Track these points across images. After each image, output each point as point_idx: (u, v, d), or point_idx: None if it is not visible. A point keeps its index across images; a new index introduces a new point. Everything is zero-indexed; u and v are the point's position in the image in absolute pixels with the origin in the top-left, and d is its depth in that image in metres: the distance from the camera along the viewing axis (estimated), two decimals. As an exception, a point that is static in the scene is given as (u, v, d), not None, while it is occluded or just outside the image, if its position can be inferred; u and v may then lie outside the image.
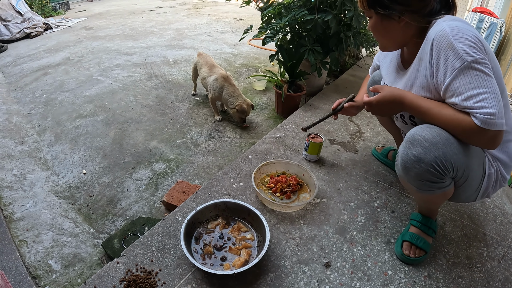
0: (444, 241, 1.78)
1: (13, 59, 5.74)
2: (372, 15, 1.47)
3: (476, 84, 1.19)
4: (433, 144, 1.30)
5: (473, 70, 1.19)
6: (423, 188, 1.42)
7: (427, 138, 1.31)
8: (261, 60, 5.36)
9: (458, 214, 1.97)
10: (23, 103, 3.98)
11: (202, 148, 3.00)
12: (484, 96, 1.18)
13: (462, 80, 1.21)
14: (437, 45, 1.28)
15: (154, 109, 3.71)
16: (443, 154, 1.29)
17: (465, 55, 1.19)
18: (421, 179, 1.38)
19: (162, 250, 1.66)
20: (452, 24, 1.26)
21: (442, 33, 1.26)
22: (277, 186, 2.02)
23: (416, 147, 1.33)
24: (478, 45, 1.21)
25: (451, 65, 1.23)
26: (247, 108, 3.22)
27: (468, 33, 1.22)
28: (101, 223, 2.22)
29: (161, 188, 2.50)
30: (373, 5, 1.42)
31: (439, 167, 1.31)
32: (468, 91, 1.20)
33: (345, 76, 4.22)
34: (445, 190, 1.42)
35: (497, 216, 2.00)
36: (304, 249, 1.70)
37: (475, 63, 1.19)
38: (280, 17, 3.28)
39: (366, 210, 1.95)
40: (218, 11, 9.89)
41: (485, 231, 1.87)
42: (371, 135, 2.76)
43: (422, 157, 1.32)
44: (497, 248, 1.77)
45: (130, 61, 5.27)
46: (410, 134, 1.38)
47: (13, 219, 2.19)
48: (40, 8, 9.36)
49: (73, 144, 3.08)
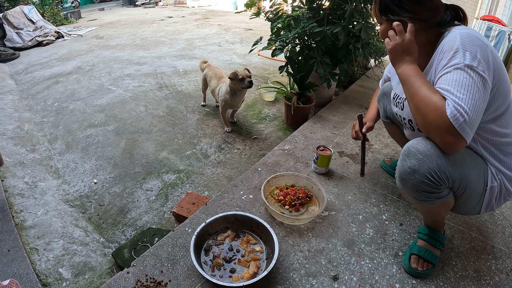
0: (452, 254, 1.77)
1: (25, 67, 5.84)
2: (383, 21, 1.56)
3: (465, 85, 1.21)
4: (427, 156, 1.33)
5: (466, 74, 1.22)
6: (421, 198, 1.44)
7: (421, 150, 1.34)
8: (271, 71, 5.40)
9: (466, 227, 1.97)
10: (35, 111, 4.05)
11: (212, 160, 3.02)
12: (466, 97, 1.19)
13: (453, 75, 1.24)
14: (444, 50, 1.33)
15: (165, 119, 3.74)
16: (437, 166, 1.31)
17: (465, 59, 1.23)
18: (418, 190, 1.41)
19: (172, 261, 1.67)
20: (464, 32, 1.30)
21: (453, 38, 1.31)
22: (286, 199, 2.03)
23: (411, 159, 1.37)
24: (483, 57, 1.24)
25: (450, 66, 1.27)
26: (237, 70, 3.18)
27: (478, 43, 1.26)
28: (111, 232, 2.25)
29: (171, 199, 2.52)
30: (384, 12, 1.52)
31: (434, 178, 1.33)
32: (454, 86, 1.22)
33: (354, 87, 4.24)
34: (444, 200, 1.44)
35: (506, 228, 2.00)
36: (312, 261, 1.71)
37: (470, 68, 1.22)
38: (290, 29, 3.31)
39: (375, 223, 1.96)
40: (227, 21, 9.98)
41: (494, 244, 1.87)
42: (380, 147, 2.77)
43: (417, 169, 1.35)
44: (506, 260, 1.76)
45: (141, 71, 5.34)
46: (406, 147, 1.42)
47: (24, 227, 2.22)
48: (52, 16, 9.52)
49: (84, 153, 3.12)
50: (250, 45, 4.01)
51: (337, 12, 3.21)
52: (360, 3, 3.03)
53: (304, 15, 3.40)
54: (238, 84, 3.19)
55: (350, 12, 2.97)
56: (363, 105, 3.62)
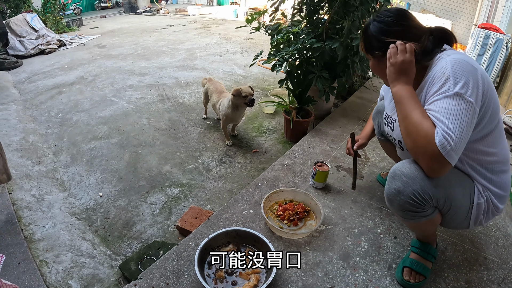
0: (445, 266, 1.83)
1: (28, 76, 5.89)
2: (371, 58, 1.67)
3: (453, 113, 1.27)
4: (411, 178, 1.41)
5: (455, 101, 1.28)
6: (407, 217, 1.52)
7: (406, 173, 1.42)
8: (271, 82, 5.47)
9: (459, 239, 2.02)
10: (39, 122, 4.12)
11: (214, 173, 3.08)
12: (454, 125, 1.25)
13: (443, 103, 1.30)
14: (436, 77, 1.38)
15: (167, 132, 3.80)
16: (420, 188, 1.39)
17: (455, 87, 1.29)
18: (403, 209, 1.49)
19: (177, 274, 1.75)
20: (455, 59, 1.36)
21: (444, 66, 1.36)
22: (285, 214, 2.10)
23: (396, 181, 1.45)
24: (473, 82, 1.30)
25: (440, 93, 1.32)
26: (240, 88, 3.24)
27: (467, 68, 1.32)
28: (117, 245, 2.32)
29: (174, 212, 2.59)
30: (370, 50, 1.63)
31: (417, 199, 1.41)
32: (444, 113, 1.28)
33: (352, 99, 4.31)
34: (429, 218, 1.50)
35: (499, 239, 2.05)
36: (309, 274, 1.78)
37: (459, 96, 1.28)
38: (289, 44, 3.40)
39: (370, 236, 2.02)
40: (228, 30, 10.04)
41: (486, 255, 1.92)
42: (376, 161, 2.84)
43: (401, 190, 1.43)
44: (498, 271, 1.82)
45: (143, 82, 5.41)
46: (392, 169, 1.50)
47: (33, 240, 2.28)
48: (54, 24, 9.58)
49: (89, 166, 3.19)
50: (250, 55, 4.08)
51: (336, 27, 3.30)
52: (358, 19, 3.11)
53: (303, 30, 3.49)
54: (240, 101, 3.26)
55: (348, 28, 3.06)
56: (361, 118, 3.69)
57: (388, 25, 1.54)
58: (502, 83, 5.01)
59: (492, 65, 5.20)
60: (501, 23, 5.70)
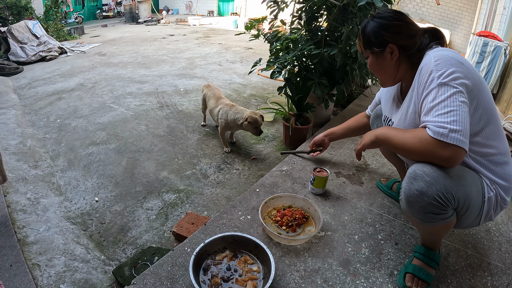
0: (448, 272, 1.79)
1: (28, 82, 5.91)
2: (369, 55, 1.70)
3: (440, 106, 1.31)
4: (434, 178, 1.37)
5: (440, 92, 1.33)
6: (427, 220, 1.47)
7: (428, 173, 1.39)
8: (270, 91, 5.47)
9: (462, 244, 1.99)
10: (38, 127, 4.11)
11: (211, 180, 3.06)
12: (442, 113, 1.29)
13: (427, 102, 1.36)
14: (421, 74, 1.44)
15: (165, 139, 3.79)
16: (444, 187, 1.36)
17: (439, 79, 1.34)
18: (425, 211, 1.44)
19: (171, 280, 1.70)
20: (438, 54, 1.42)
21: (428, 62, 1.42)
22: (283, 220, 2.06)
23: (419, 182, 1.41)
24: (458, 71, 1.35)
25: (426, 88, 1.38)
26: (258, 118, 3.25)
27: (451, 61, 1.37)
28: (112, 250, 2.28)
29: (171, 218, 2.56)
30: (368, 46, 1.66)
31: (442, 200, 1.38)
32: (429, 112, 1.34)
33: (351, 107, 4.29)
34: (448, 221, 1.47)
35: (503, 244, 2.02)
36: (308, 281, 1.74)
37: (443, 85, 1.33)
38: (288, 51, 3.39)
39: (370, 243, 1.98)
40: (228, 39, 10.10)
41: (490, 260, 1.89)
42: (376, 167, 2.81)
43: (425, 191, 1.39)
44: (502, 277, 1.78)
45: (142, 90, 5.42)
46: (411, 170, 1.46)
47: (26, 242, 2.25)
48: (56, 31, 9.63)
49: (86, 171, 3.16)
50: (250, 64, 4.09)
51: (335, 33, 3.29)
52: (356, 26, 3.09)
53: (302, 37, 3.48)
54: (251, 128, 3.28)
55: (347, 35, 3.05)
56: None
57: (387, 19, 1.60)
58: (501, 90, 5.02)
59: (491, 72, 5.21)
60: (499, 31, 5.72)
